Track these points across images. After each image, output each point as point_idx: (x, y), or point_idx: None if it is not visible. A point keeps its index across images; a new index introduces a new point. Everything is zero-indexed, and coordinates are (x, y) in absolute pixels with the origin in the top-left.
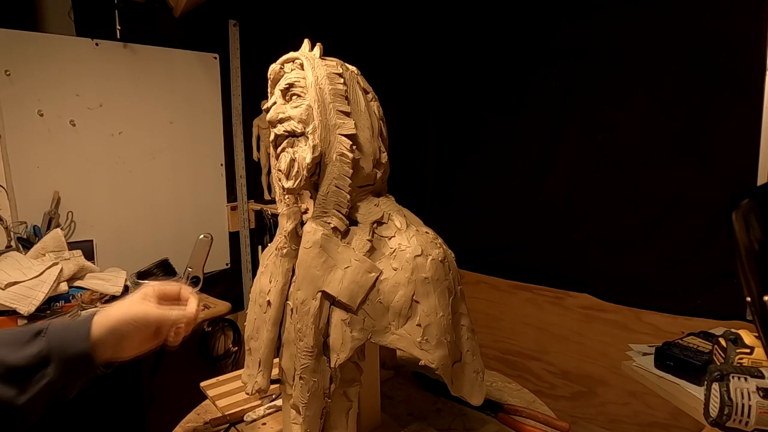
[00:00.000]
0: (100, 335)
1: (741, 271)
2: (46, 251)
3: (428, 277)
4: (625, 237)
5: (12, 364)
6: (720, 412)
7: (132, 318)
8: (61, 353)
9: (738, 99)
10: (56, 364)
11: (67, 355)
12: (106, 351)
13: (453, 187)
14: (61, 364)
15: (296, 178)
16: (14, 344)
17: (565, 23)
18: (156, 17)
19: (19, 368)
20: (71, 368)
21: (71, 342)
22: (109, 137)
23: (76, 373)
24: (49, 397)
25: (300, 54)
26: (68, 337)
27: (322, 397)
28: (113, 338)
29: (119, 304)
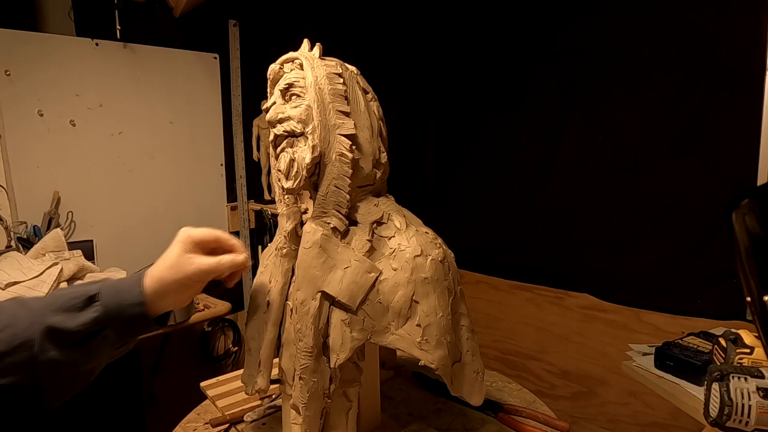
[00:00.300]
0: (153, 297)
1: (741, 271)
2: (46, 251)
3: (428, 277)
4: (625, 237)
5: (73, 330)
6: (720, 412)
7: (185, 278)
8: (118, 317)
9: (738, 99)
10: (114, 327)
11: (124, 318)
12: (160, 308)
13: (453, 187)
14: (119, 327)
15: (296, 179)
16: (70, 310)
17: (566, 24)
18: (156, 17)
19: (79, 334)
20: (128, 330)
21: (127, 307)
22: (109, 137)
23: (133, 333)
24: (109, 355)
25: (299, 54)
26: (123, 302)
27: (321, 398)
28: (166, 297)
29: (167, 262)
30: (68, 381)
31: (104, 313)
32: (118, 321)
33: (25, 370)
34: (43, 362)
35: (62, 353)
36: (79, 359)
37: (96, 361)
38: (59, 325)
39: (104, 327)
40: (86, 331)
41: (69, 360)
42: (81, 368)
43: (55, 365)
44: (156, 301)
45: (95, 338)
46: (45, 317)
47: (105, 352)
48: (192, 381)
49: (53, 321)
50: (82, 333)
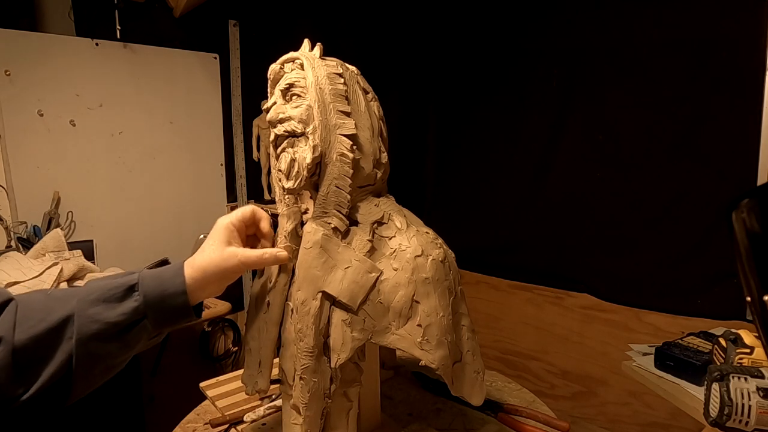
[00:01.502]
0: (195, 286)
1: (741, 271)
2: (46, 251)
3: (429, 277)
4: (625, 237)
5: (112, 322)
6: (720, 412)
7: (228, 270)
8: (158, 307)
9: (738, 99)
10: (153, 317)
11: (165, 308)
12: (198, 298)
13: (453, 187)
14: (158, 317)
15: (296, 179)
16: (110, 301)
17: (566, 24)
18: (156, 17)
19: (119, 325)
20: (168, 320)
21: (168, 296)
22: (109, 137)
23: (172, 323)
24: (146, 344)
25: (300, 54)
26: (165, 292)
27: (322, 398)
28: (206, 288)
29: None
30: (101, 373)
31: (144, 303)
32: (158, 311)
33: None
34: (81, 355)
35: (100, 345)
36: (116, 350)
37: (131, 351)
38: (98, 317)
39: (143, 317)
40: (125, 322)
41: (106, 352)
42: (116, 359)
43: (93, 357)
44: (196, 291)
45: (134, 329)
46: (83, 309)
47: (141, 343)
48: (192, 381)
49: (92, 312)
50: (122, 324)
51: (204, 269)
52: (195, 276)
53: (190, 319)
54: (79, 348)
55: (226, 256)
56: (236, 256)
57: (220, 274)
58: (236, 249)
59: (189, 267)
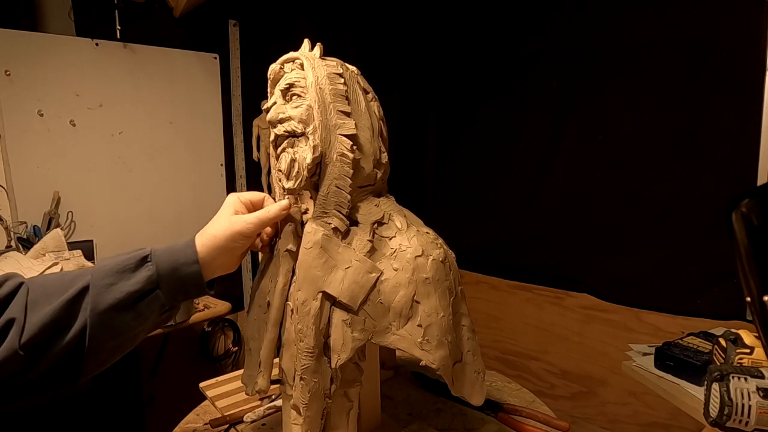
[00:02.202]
0: (206, 256)
1: (741, 271)
2: (46, 251)
3: (429, 277)
4: (625, 237)
5: (126, 292)
6: (720, 412)
7: (237, 233)
8: (171, 277)
9: (738, 99)
10: (166, 287)
11: (177, 278)
12: (211, 270)
13: (453, 188)
14: (171, 287)
15: (297, 179)
16: (124, 272)
17: (566, 24)
18: (156, 17)
19: (133, 294)
20: (181, 291)
21: (181, 265)
22: (109, 137)
23: (185, 295)
24: (157, 319)
25: (300, 54)
26: (177, 261)
27: (322, 398)
28: (219, 256)
29: (217, 222)
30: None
31: (157, 273)
32: (171, 280)
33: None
34: (95, 325)
35: (115, 315)
36: (131, 321)
37: (144, 324)
38: (113, 287)
39: (156, 287)
40: (139, 291)
41: (120, 323)
42: (129, 333)
43: (107, 329)
44: (208, 261)
45: (146, 298)
46: (97, 281)
47: (153, 315)
48: (192, 381)
49: (106, 283)
50: (136, 293)
51: (213, 234)
52: (205, 243)
53: (202, 290)
54: (94, 319)
55: (234, 220)
56: (242, 217)
57: (228, 238)
58: (246, 216)
59: (200, 236)
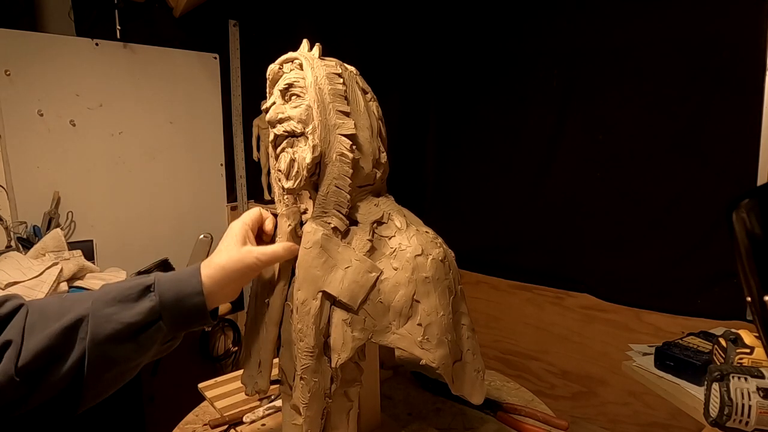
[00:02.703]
0: (212, 286)
1: (741, 271)
2: (46, 251)
3: (429, 276)
4: (625, 237)
5: (127, 323)
6: (720, 412)
7: (246, 267)
8: (174, 308)
9: (738, 99)
10: (168, 318)
11: (181, 309)
12: (215, 300)
13: (453, 188)
14: (174, 318)
15: (296, 179)
16: (125, 301)
17: (566, 24)
18: (156, 17)
19: (134, 326)
20: (184, 322)
21: (185, 296)
22: (109, 137)
23: (188, 325)
24: (159, 348)
25: (299, 54)
26: (182, 292)
27: (322, 398)
28: (225, 288)
29: (227, 254)
30: (112, 378)
31: (159, 303)
32: (174, 311)
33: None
34: (95, 356)
35: (114, 347)
36: (130, 353)
37: (145, 355)
38: (113, 317)
39: (158, 318)
40: (141, 322)
41: (120, 354)
42: (129, 363)
43: (106, 359)
44: (213, 292)
45: (148, 330)
46: (98, 309)
47: (155, 346)
48: (192, 381)
49: (107, 312)
50: (137, 324)
51: (222, 267)
52: (212, 275)
53: (206, 321)
54: (93, 349)
55: (244, 253)
56: (252, 252)
57: (238, 272)
58: (251, 247)
59: (206, 267)
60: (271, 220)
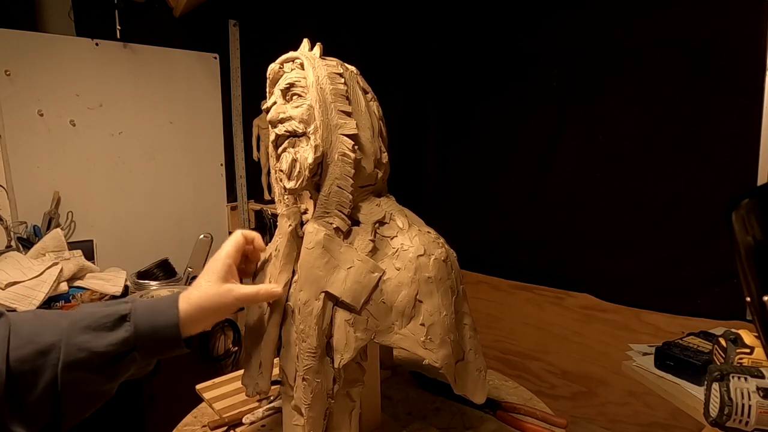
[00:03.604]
0: (188, 320)
1: (741, 271)
2: (46, 251)
3: (431, 276)
4: (625, 237)
5: (100, 352)
6: (720, 412)
7: (223, 307)
8: (148, 338)
9: (738, 99)
10: (142, 348)
11: (155, 339)
12: (190, 332)
13: (453, 188)
14: (148, 348)
15: (298, 179)
16: (99, 330)
17: (566, 24)
18: (156, 17)
19: (107, 355)
20: (157, 351)
21: (160, 328)
22: (109, 137)
23: (161, 354)
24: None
25: (300, 54)
26: (157, 323)
27: (325, 398)
28: (201, 321)
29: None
30: (88, 400)
31: (134, 334)
32: (148, 342)
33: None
34: (66, 382)
35: (86, 374)
36: (102, 380)
37: (117, 380)
38: (86, 345)
39: (132, 348)
40: (114, 352)
41: (92, 380)
42: (102, 388)
43: (78, 385)
44: (189, 325)
45: (121, 360)
46: (71, 336)
47: (128, 373)
48: (192, 381)
49: (81, 340)
50: (110, 354)
51: (200, 305)
52: (190, 311)
53: (180, 350)
54: (64, 375)
55: (223, 292)
56: (232, 292)
57: (215, 309)
58: (232, 285)
59: (184, 301)
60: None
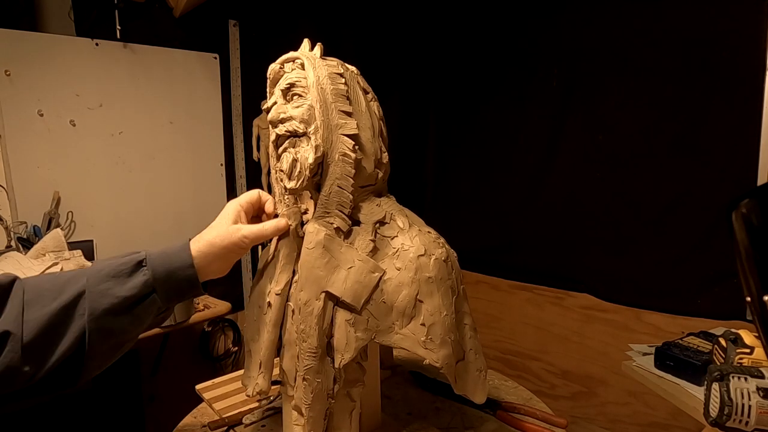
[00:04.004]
0: (201, 260)
1: (741, 271)
2: (46, 251)
3: (432, 276)
4: (625, 237)
5: (123, 297)
6: (720, 412)
7: (232, 244)
8: (166, 281)
9: (738, 99)
10: (162, 291)
11: (173, 281)
12: (207, 274)
13: (453, 188)
14: (167, 290)
15: (299, 179)
16: (119, 276)
17: (566, 24)
18: (156, 17)
19: (130, 299)
20: (177, 293)
21: (176, 269)
22: (109, 137)
23: (181, 297)
24: (154, 320)
25: (300, 54)
26: (172, 265)
27: (325, 398)
28: (213, 262)
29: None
30: (113, 348)
31: (153, 277)
32: (167, 284)
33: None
34: (94, 330)
35: (112, 319)
36: (128, 325)
37: (141, 326)
38: (109, 292)
39: (152, 291)
40: (136, 296)
41: (118, 326)
42: (127, 335)
43: (105, 332)
44: (203, 266)
45: (143, 302)
46: (93, 285)
47: (150, 317)
48: (192, 381)
49: (103, 287)
50: (133, 298)
51: (210, 242)
52: (201, 249)
53: (198, 292)
54: (92, 323)
55: (231, 230)
56: (240, 230)
57: (225, 248)
58: (240, 225)
59: (195, 242)
60: (271, 201)
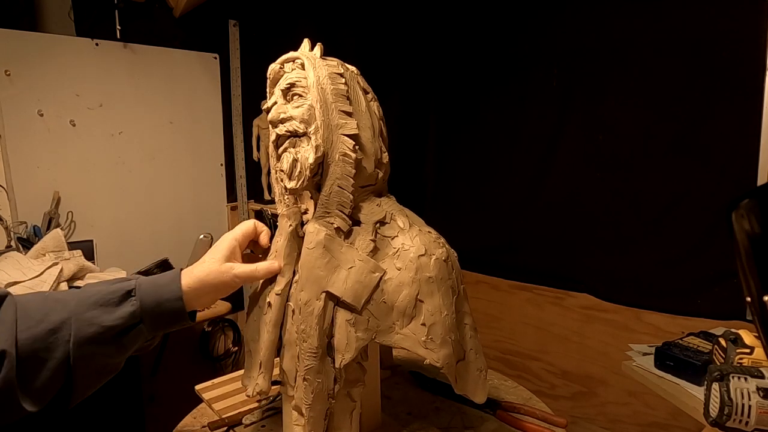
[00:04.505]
0: (190, 294)
1: (741, 271)
2: (46, 251)
3: (432, 276)
4: (625, 237)
5: (109, 326)
6: (720, 412)
7: (222, 284)
8: (154, 311)
9: (738, 99)
10: (149, 321)
11: (160, 312)
12: (194, 306)
13: (453, 187)
14: (154, 321)
15: (299, 179)
16: (107, 305)
17: (566, 24)
18: (156, 17)
19: (116, 329)
20: (163, 324)
21: (164, 301)
22: (109, 137)
23: (167, 327)
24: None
25: (300, 54)
26: (161, 297)
27: (326, 398)
28: (202, 297)
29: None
30: (98, 374)
31: (140, 308)
32: (154, 315)
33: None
34: (78, 357)
35: (97, 348)
36: (112, 353)
37: (126, 354)
38: (96, 320)
39: (139, 321)
40: (122, 326)
41: (102, 354)
42: (112, 361)
43: (89, 360)
44: (191, 299)
45: (129, 333)
46: (81, 312)
47: (136, 346)
48: (192, 381)
49: (90, 316)
50: (118, 328)
51: (201, 279)
52: (191, 285)
53: (185, 323)
54: (76, 350)
55: (224, 270)
56: (232, 269)
57: (215, 286)
58: (233, 264)
59: (187, 276)
60: (266, 233)
